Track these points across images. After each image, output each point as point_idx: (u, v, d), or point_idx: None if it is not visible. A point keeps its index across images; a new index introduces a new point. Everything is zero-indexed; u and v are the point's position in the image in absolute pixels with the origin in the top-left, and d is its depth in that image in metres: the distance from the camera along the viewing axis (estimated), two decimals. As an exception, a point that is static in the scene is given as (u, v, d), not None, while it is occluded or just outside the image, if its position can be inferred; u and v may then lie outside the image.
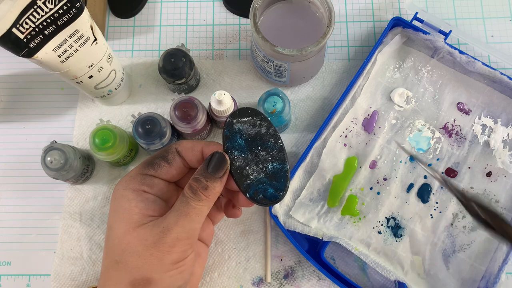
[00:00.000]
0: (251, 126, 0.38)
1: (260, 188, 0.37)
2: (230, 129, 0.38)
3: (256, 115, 0.39)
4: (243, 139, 0.38)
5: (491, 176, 0.55)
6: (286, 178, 0.38)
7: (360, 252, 0.52)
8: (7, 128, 0.59)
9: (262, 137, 0.38)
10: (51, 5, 0.43)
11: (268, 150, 0.38)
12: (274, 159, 0.38)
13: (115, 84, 0.55)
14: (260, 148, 0.38)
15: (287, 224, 0.53)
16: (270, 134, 0.38)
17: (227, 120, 0.38)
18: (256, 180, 0.37)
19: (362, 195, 0.54)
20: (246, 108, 0.39)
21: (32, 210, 0.56)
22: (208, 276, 0.53)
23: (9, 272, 0.55)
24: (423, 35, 0.57)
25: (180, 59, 0.53)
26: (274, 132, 0.39)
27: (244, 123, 0.38)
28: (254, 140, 0.38)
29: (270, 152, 0.38)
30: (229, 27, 0.63)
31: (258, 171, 0.38)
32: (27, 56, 0.44)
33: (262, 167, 0.38)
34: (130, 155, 0.55)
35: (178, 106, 0.51)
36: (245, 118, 0.38)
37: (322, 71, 0.60)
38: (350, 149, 0.56)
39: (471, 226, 0.53)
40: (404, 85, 0.58)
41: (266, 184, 0.38)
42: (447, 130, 0.56)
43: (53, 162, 0.50)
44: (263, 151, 0.38)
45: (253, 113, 0.39)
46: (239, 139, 0.38)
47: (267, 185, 0.38)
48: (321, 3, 0.52)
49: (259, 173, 0.38)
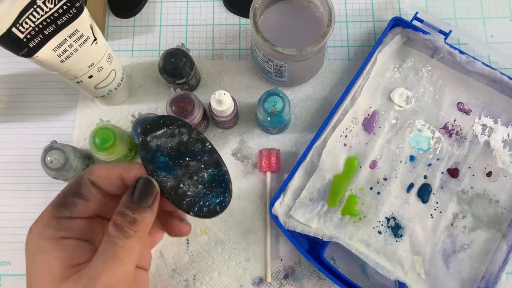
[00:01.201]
0: (170, 138, 0.34)
1: (203, 201, 0.33)
2: (147, 149, 0.33)
3: (170, 123, 0.34)
4: (166, 155, 0.33)
5: (491, 176, 0.55)
6: (226, 181, 0.34)
7: (360, 252, 0.52)
8: (7, 128, 0.59)
9: (186, 145, 0.34)
10: (51, 4, 0.43)
11: (198, 158, 0.34)
12: (207, 165, 0.34)
13: (115, 84, 0.55)
14: (188, 159, 0.34)
15: (287, 224, 0.53)
16: (195, 139, 0.34)
17: (140, 139, 0.33)
18: (195, 195, 0.33)
19: (362, 195, 0.54)
20: (156, 119, 0.34)
21: (32, 210, 0.56)
22: (208, 276, 0.53)
23: (9, 272, 0.55)
24: (423, 35, 0.57)
25: (180, 59, 0.53)
26: (198, 136, 0.34)
27: (160, 137, 0.34)
28: (179, 152, 0.34)
29: (201, 159, 0.34)
30: (229, 27, 0.63)
31: (195, 184, 0.34)
32: (27, 55, 0.44)
33: (197, 179, 0.34)
34: (130, 155, 0.55)
35: (174, 101, 0.51)
36: (159, 131, 0.34)
37: (322, 71, 0.60)
38: (350, 149, 0.56)
39: (471, 226, 0.53)
40: (404, 85, 0.58)
41: (207, 195, 0.34)
42: (447, 130, 0.56)
43: (53, 162, 0.50)
44: (192, 160, 0.34)
45: (166, 122, 0.34)
46: (161, 157, 0.33)
47: (209, 195, 0.34)
48: (321, 3, 0.52)
49: (196, 186, 0.34)
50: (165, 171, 0.33)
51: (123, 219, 0.31)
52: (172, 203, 0.33)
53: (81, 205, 0.33)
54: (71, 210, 0.33)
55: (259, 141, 0.58)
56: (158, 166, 0.33)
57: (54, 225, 0.32)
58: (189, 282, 0.53)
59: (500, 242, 0.52)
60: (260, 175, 0.57)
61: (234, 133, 0.58)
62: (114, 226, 0.31)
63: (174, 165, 0.34)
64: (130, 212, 0.31)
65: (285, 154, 0.57)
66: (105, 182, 0.34)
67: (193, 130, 0.35)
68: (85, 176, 0.34)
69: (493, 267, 0.51)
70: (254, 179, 0.57)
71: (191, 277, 0.54)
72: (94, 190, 0.34)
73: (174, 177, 0.33)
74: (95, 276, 0.30)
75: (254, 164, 0.57)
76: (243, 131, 0.58)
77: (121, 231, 0.31)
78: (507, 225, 0.53)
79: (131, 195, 0.32)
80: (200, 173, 0.34)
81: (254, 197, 0.56)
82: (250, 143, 0.58)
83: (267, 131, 0.57)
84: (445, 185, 0.54)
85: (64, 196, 0.33)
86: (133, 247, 0.32)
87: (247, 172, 0.57)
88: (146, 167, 0.33)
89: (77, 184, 0.33)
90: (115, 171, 0.34)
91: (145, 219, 0.32)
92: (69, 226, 0.32)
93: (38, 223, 0.33)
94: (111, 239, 0.31)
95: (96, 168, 0.34)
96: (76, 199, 0.33)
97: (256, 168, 0.57)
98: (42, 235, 0.32)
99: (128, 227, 0.31)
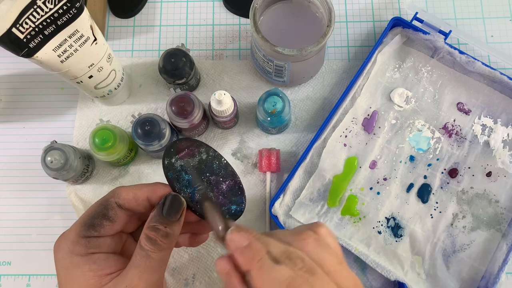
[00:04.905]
0: (191, 158, 0.38)
1: (224, 210, 0.38)
2: (173, 170, 0.37)
3: (190, 144, 0.38)
4: (189, 173, 0.38)
5: (491, 176, 0.55)
6: (241, 190, 0.39)
7: (360, 252, 0.52)
8: (7, 128, 0.59)
9: (206, 163, 0.38)
10: (51, 5, 0.43)
11: (216, 173, 0.38)
12: (224, 178, 0.38)
13: (115, 84, 0.55)
14: (208, 174, 0.38)
15: (287, 224, 0.53)
16: (212, 157, 0.39)
17: (166, 162, 0.37)
18: (217, 205, 0.37)
19: (362, 195, 0.54)
20: (177, 142, 0.38)
21: (32, 210, 0.56)
22: (207, 276, 0.53)
23: (9, 272, 0.55)
24: (423, 35, 0.57)
25: (180, 59, 0.53)
26: (214, 153, 0.39)
27: (183, 158, 0.38)
28: (200, 169, 0.38)
29: (219, 174, 0.38)
30: (229, 27, 0.63)
31: (216, 195, 0.38)
32: (27, 56, 0.44)
33: (217, 191, 0.38)
34: (130, 155, 0.55)
35: (174, 101, 0.51)
36: (182, 152, 0.38)
37: (322, 71, 0.60)
38: (350, 149, 0.56)
39: (471, 226, 0.53)
40: (404, 85, 0.58)
41: (227, 204, 0.38)
42: (447, 130, 0.56)
43: (53, 162, 0.50)
44: (211, 175, 0.38)
45: (187, 143, 0.38)
46: (186, 176, 0.37)
47: (228, 204, 0.38)
48: (321, 3, 0.52)
49: (217, 197, 0.38)
50: (190, 188, 0.37)
51: (156, 234, 0.34)
52: (198, 215, 0.37)
53: (108, 226, 0.36)
54: (99, 231, 0.36)
55: (259, 141, 0.58)
56: (183, 184, 0.37)
57: (84, 243, 0.35)
58: (188, 281, 0.53)
59: (500, 242, 0.52)
60: (260, 175, 0.57)
61: (234, 133, 0.58)
62: (148, 240, 0.34)
63: (197, 181, 0.37)
64: (162, 226, 0.35)
65: (285, 154, 0.57)
66: (132, 204, 0.37)
67: (209, 148, 0.39)
68: (112, 200, 0.36)
69: (493, 267, 0.51)
70: (254, 179, 0.57)
71: (190, 276, 0.54)
72: (120, 212, 0.37)
73: (198, 192, 0.37)
74: (132, 284, 0.34)
75: (254, 164, 0.57)
76: (243, 131, 0.58)
77: (155, 244, 0.34)
78: (507, 225, 0.53)
79: (161, 210, 0.35)
80: (219, 185, 0.38)
81: (254, 197, 0.56)
82: (250, 143, 0.58)
83: (267, 131, 0.57)
84: (445, 185, 0.55)
85: (92, 218, 0.36)
86: (165, 257, 0.35)
87: (247, 172, 0.57)
88: (173, 185, 0.37)
89: (104, 207, 0.36)
90: (142, 193, 0.37)
91: (175, 232, 0.35)
92: (97, 244, 0.36)
93: (66, 240, 0.35)
94: (146, 253, 0.34)
95: (122, 191, 0.37)
96: (104, 221, 0.36)
97: (256, 168, 0.57)
98: (73, 251, 0.35)
99: (161, 240, 0.34)
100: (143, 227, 0.36)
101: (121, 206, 0.37)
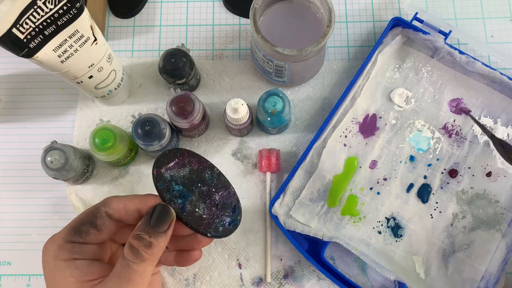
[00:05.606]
0: (181, 168, 0.36)
1: (218, 222, 0.36)
2: (162, 180, 0.36)
3: (180, 154, 0.37)
4: (180, 184, 0.36)
5: (491, 176, 0.55)
6: (236, 200, 0.38)
7: (360, 252, 0.52)
8: (7, 128, 0.59)
9: (197, 173, 0.37)
10: (51, 5, 0.43)
11: (208, 183, 0.37)
12: (218, 189, 0.37)
13: (115, 84, 0.55)
14: (200, 185, 0.37)
15: (287, 224, 0.53)
16: (204, 167, 0.37)
17: (155, 172, 0.36)
18: (210, 217, 0.36)
19: (362, 195, 0.55)
20: (167, 152, 0.37)
21: (32, 210, 0.56)
22: (208, 275, 0.54)
23: (9, 272, 0.55)
24: (423, 35, 0.57)
25: (180, 59, 0.53)
26: (206, 163, 0.37)
27: (173, 168, 0.36)
28: (191, 180, 0.36)
29: (211, 184, 0.37)
30: (229, 27, 0.63)
31: (209, 207, 0.36)
32: (27, 56, 0.44)
33: (210, 202, 0.37)
34: (130, 155, 0.55)
35: (174, 101, 0.51)
36: (171, 162, 0.36)
37: (322, 71, 0.60)
38: (350, 149, 0.56)
39: (471, 226, 0.53)
40: (404, 85, 0.58)
41: (221, 215, 0.37)
42: (447, 130, 0.56)
43: (54, 162, 0.50)
44: (203, 186, 0.37)
45: (177, 153, 0.37)
46: (176, 186, 0.36)
47: (223, 215, 0.37)
48: (321, 3, 0.52)
49: (210, 208, 0.36)
50: (181, 199, 0.36)
51: (139, 242, 0.33)
52: (190, 227, 0.35)
53: (94, 234, 0.36)
54: (84, 238, 0.36)
55: (259, 141, 0.58)
56: (174, 194, 0.36)
57: (68, 248, 0.35)
58: (189, 281, 0.53)
59: (499, 242, 0.52)
60: (260, 175, 0.57)
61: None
62: (130, 250, 0.33)
63: (188, 192, 0.36)
64: (147, 236, 0.34)
65: (285, 154, 0.57)
66: (122, 215, 0.36)
67: (201, 158, 0.37)
68: (102, 208, 0.36)
69: (493, 267, 0.51)
70: (254, 179, 0.57)
71: (191, 276, 0.54)
72: (108, 222, 0.36)
73: (190, 203, 0.36)
74: None
75: (254, 164, 0.57)
76: (243, 131, 0.58)
77: (137, 254, 0.33)
78: (507, 225, 0.53)
79: (148, 220, 0.34)
80: (212, 196, 0.37)
81: (254, 197, 0.56)
82: (250, 143, 0.58)
83: (267, 131, 0.57)
84: (445, 185, 0.55)
85: (80, 224, 0.36)
86: (146, 270, 0.34)
87: (247, 172, 0.57)
88: (163, 196, 0.35)
89: (93, 215, 0.36)
90: (132, 204, 0.36)
91: (160, 243, 0.34)
92: (81, 250, 0.35)
93: (53, 243, 0.36)
94: (126, 263, 0.33)
95: (113, 201, 0.36)
96: (90, 228, 0.36)
97: (256, 168, 0.57)
98: (58, 256, 0.35)
99: (144, 250, 0.33)
100: None
101: (110, 216, 0.36)
